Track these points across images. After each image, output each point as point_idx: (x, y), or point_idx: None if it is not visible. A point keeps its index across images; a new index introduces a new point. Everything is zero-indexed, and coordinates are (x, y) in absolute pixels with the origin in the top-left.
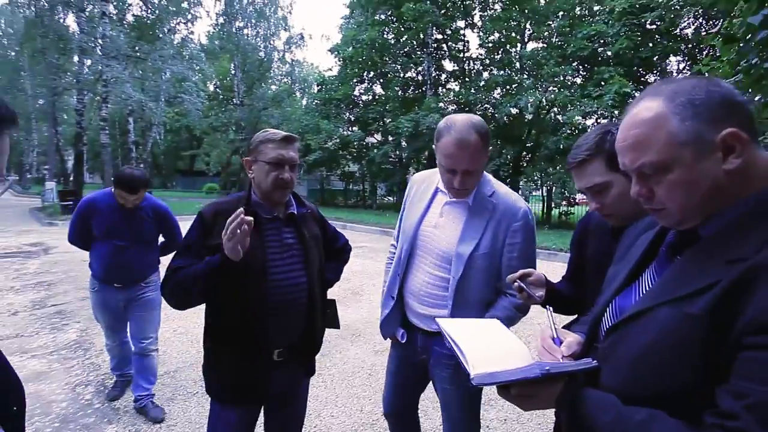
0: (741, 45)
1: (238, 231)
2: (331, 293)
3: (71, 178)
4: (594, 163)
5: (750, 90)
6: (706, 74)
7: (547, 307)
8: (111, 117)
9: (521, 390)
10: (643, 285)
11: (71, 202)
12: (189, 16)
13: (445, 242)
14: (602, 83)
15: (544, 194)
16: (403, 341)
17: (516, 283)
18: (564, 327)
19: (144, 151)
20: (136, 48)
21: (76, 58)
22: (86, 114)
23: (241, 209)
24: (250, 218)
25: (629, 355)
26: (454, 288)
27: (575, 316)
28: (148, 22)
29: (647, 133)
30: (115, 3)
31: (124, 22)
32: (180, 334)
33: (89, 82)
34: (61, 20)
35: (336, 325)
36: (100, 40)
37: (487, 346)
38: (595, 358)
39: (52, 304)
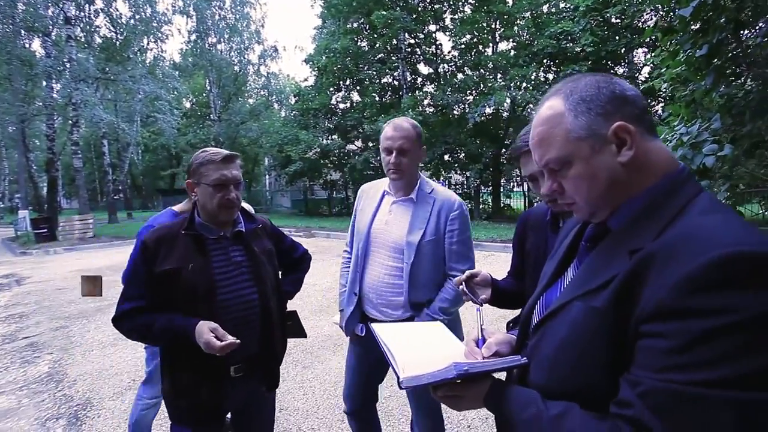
0: (679, 36)
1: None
2: (313, 303)
3: (45, 206)
4: None
5: (691, 80)
6: (658, 65)
7: (478, 309)
8: (85, 140)
9: (446, 391)
10: (566, 280)
11: (45, 230)
12: (159, 35)
13: (396, 234)
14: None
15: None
16: (362, 335)
17: (461, 287)
18: (511, 321)
19: (121, 172)
20: (106, 70)
21: (44, 83)
22: (58, 139)
23: (237, 343)
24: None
25: (549, 351)
26: (408, 272)
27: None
28: (117, 43)
29: (549, 131)
30: (81, 26)
31: (93, 44)
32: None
33: (59, 106)
34: (26, 45)
35: (302, 334)
36: (67, 64)
37: (420, 349)
38: (525, 355)
39: (24, 337)
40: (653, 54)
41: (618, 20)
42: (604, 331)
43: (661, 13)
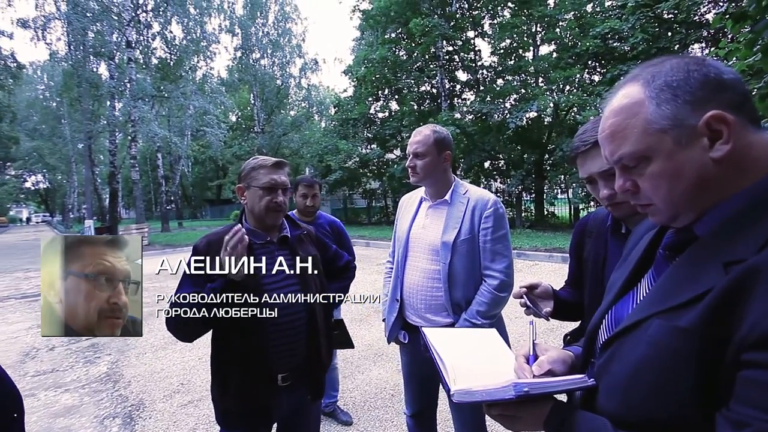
0: (754, 23)
1: (238, 246)
2: (353, 312)
3: (107, 215)
4: None
5: (766, 71)
6: (723, 58)
7: (531, 321)
8: (141, 154)
9: (502, 410)
10: (640, 292)
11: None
12: (208, 53)
13: (432, 236)
14: (621, 78)
15: (570, 197)
16: (406, 341)
17: (522, 300)
18: (568, 333)
19: (173, 184)
20: (161, 88)
21: (108, 103)
22: (119, 154)
23: (238, 226)
24: (243, 232)
25: (621, 374)
26: (446, 272)
27: (579, 322)
28: (171, 63)
29: (624, 122)
30: (140, 48)
31: (150, 65)
32: (205, 362)
33: (120, 123)
34: (94, 69)
35: (348, 344)
36: (128, 84)
37: (472, 359)
38: (591, 375)
39: (87, 338)
40: (716, 48)
41: (671, 15)
42: (691, 355)
43: (722, 3)
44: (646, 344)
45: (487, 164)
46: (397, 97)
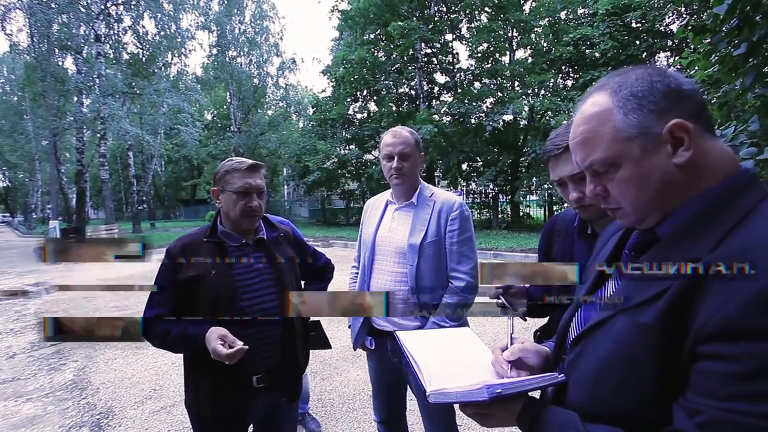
0: (713, 36)
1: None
2: None
3: (74, 216)
4: None
5: (725, 81)
6: (685, 68)
7: (509, 317)
8: (111, 153)
9: (476, 409)
10: (608, 292)
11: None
12: (183, 50)
13: (399, 239)
14: (593, 84)
15: (546, 198)
16: (372, 348)
17: (499, 300)
18: (539, 330)
19: (145, 183)
20: (132, 84)
21: (75, 98)
22: (86, 152)
23: (244, 348)
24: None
25: (589, 369)
26: (413, 275)
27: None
28: (143, 58)
29: (594, 130)
30: (110, 43)
31: (120, 60)
32: (178, 367)
33: (88, 120)
34: (60, 63)
35: (325, 345)
36: (97, 80)
37: (447, 359)
38: (561, 371)
39: (51, 344)
40: (679, 57)
41: (638, 24)
42: (653, 349)
43: (685, 15)
44: (612, 340)
45: (464, 166)
46: (375, 98)
